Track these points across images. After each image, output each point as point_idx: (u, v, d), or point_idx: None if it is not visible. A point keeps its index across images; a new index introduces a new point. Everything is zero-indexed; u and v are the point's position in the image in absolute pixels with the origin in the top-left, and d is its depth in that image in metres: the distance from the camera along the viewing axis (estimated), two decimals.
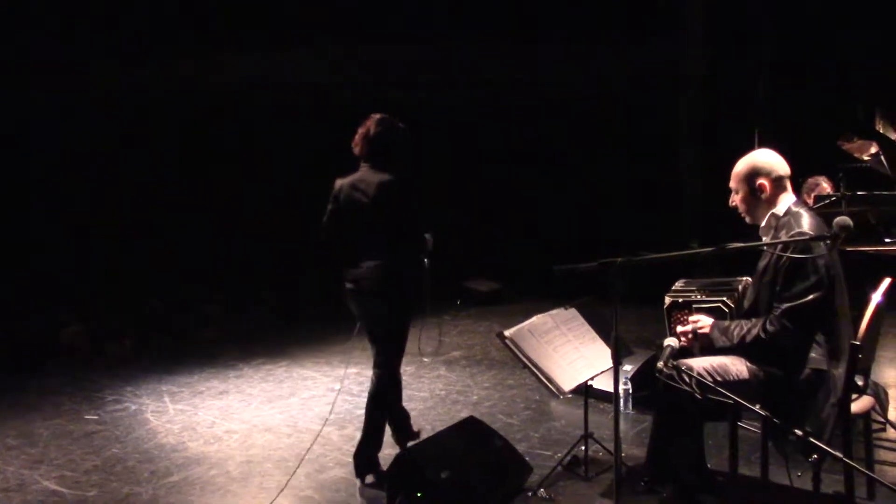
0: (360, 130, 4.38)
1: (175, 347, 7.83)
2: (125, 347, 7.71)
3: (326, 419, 5.12)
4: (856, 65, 10.44)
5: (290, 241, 11.42)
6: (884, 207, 5.94)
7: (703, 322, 3.63)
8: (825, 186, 6.48)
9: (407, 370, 6.66)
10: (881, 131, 10.04)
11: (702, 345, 3.63)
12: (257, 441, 5.04)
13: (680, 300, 3.81)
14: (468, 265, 10.41)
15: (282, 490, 4.18)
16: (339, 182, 4.41)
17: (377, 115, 4.39)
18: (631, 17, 10.74)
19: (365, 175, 4.32)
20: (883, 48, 10.39)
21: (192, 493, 4.26)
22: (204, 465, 4.64)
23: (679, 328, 3.71)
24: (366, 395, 5.89)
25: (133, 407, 5.82)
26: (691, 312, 3.74)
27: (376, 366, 4.50)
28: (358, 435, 4.83)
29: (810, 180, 6.53)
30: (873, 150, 6.04)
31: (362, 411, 5.51)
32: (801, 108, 10.08)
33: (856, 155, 6.28)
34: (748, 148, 9.50)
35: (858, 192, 6.20)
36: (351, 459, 4.49)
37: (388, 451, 4.63)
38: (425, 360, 6.90)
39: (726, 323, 3.59)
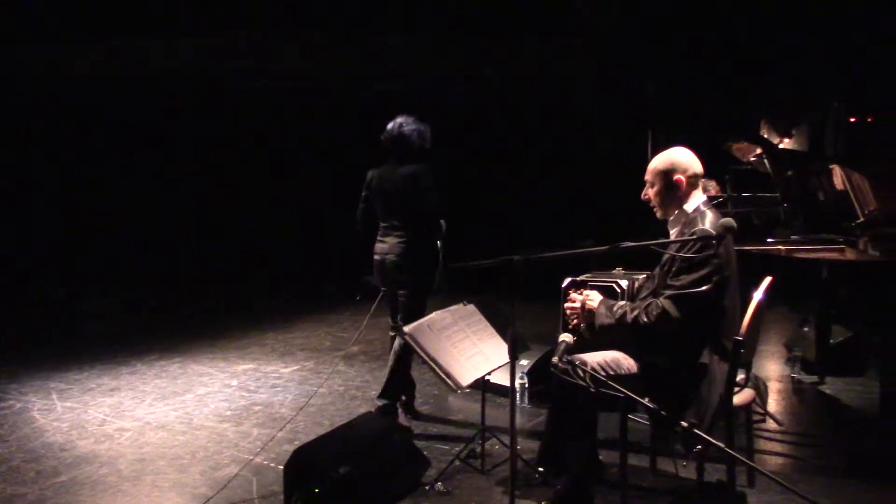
0: (388, 128, 5.15)
1: (65, 343, 7.56)
2: None
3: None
4: (743, 70, 10.87)
5: (183, 235, 11.22)
6: (766, 209, 6.24)
7: (593, 297, 3.71)
8: (712, 190, 6.76)
9: (306, 365, 6.64)
10: (765, 136, 10.49)
11: (588, 321, 3.70)
12: (150, 439, 4.93)
13: (577, 279, 3.91)
14: (367, 261, 10.38)
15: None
16: (370, 173, 5.21)
17: (402, 116, 5.17)
18: (529, 16, 10.90)
19: (392, 167, 5.10)
20: (769, 55, 10.85)
21: (81, 493, 4.13)
22: (94, 464, 4.51)
23: (569, 303, 3.79)
24: (262, 390, 5.90)
25: (18, 405, 5.60)
26: (586, 290, 3.82)
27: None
28: (255, 431, 4.88)
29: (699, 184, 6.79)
30: (757, 152, 6.32)
31: (260, 407, 5.51)
32: (691, 111, 10.43)
33: (741, 157, 6.56)
34: (642, 148, 9.74)
35: (743, 194, 6.50)
36: (247, 456, 4.54)
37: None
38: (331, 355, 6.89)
39: (612, 301, 3.68)
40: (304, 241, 11.07)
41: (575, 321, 3.73)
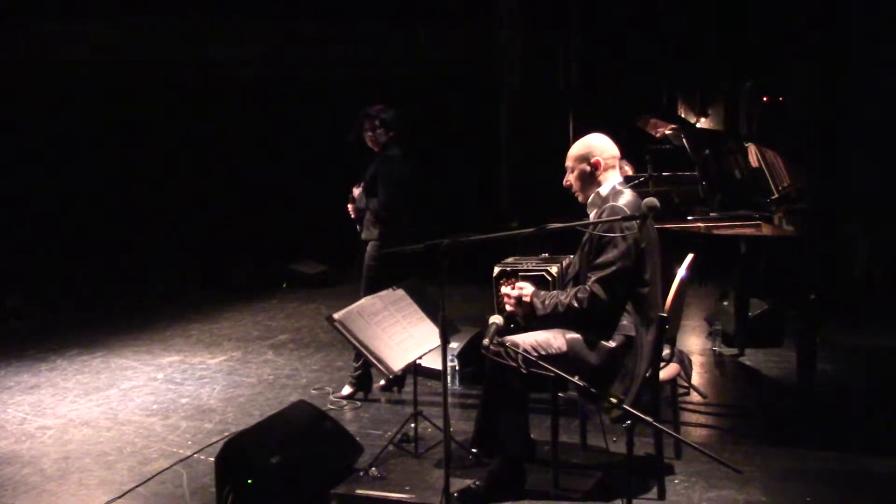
0: (391, 116, 5.20)
1: None
2: None
3: None
4: (661, 53, 11.07)
5: (100, 226, 10.90)
6: (685, 187, 6.39)
7: (527, 290, 3.79)
8: (627, 169, 6.89)
9: (234, 356, 6.55)
10: (682, 115, 10.72)
11: (524, 312, 3.79)
12: (74, 436, 4.80)
13: (508, 269, 4.00)
14: (294, 247, 10.30)
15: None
16: (398, 162, 5.21)
17: (381, 105, 5.24)
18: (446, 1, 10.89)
19: (404, 156, 5.26)
20: (685, 38, 11.08)
21: (2, 495, 4.01)
22: (15, 465, 4.37)
23: (504, 292, 3.88)
24: (189, 382, 5.80)
25: None
26: (518, 280, 3.92)
27: None
28: (184, 424, 4.88)
29: None
30: (671, 126, 6.43)
31: (187, 400, 5.42)
32: (611, 94, 10.59)
33: (654, 133, 6.66)
34: (563, 129, 9.78)
35: (663, 173, 6.64)
36: (175, 450, 4.49)
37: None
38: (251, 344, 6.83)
39: (545, 292, 3.78)
40: (227, 230, 10.90)
41: (510, 311, 3.81)
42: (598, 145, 3.85)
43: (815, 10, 9.30)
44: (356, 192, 5.34)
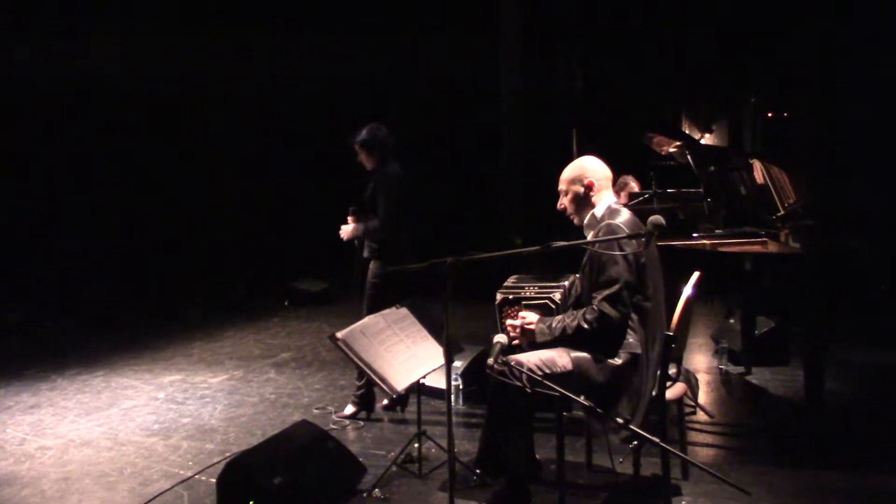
0: (382, 133, 5.17)
1: None
2: None
3: None
4: (665, 69, 11.06)
5: (100, 243, 10.87)
6: (691, 204, 6.36)
7: (531, 319, 3.79)
8: (633, 185, 6.86)
9: (235, 375, 6.50)
10: (687, 131, 10.70)
11: (529, 340, 3.79)
12: (74, 456, 4.76)
13: (510, 297, 3.98)
14: (295, 265, 10.27)
15: None
16: (395, 177, 5.15)
17: (369, 126, 5.19)
18: (449, 14, 10.90)
19: (401, 169, 5.21)
20: (690, 53, 11.07)
21: None
22: (15, 486, 4.33)
23: (508, 323, 3.87)
24: (190, 402, 5.76)
25: None
26: (521, 308, 3.90)
27: None
28: (185, 444, 4.83)
29: (620, 180, 6.89)
30: (676, 143, 6.40)
31: (188, 419, 5.37)
32: (615, 109, 10.57)
33: (659, 150, 6.65)
34: (567, 146, 9.75)
35: (668, 190, 6.61)
36: (176, 470, 4.44)
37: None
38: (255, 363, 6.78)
39: (549, 319, 3.76)
40: (228, 247, 10.87)
41: (516, 343, 3.80)
42: (590, 167, 3.88)
43: (815, 14, 9.29)
44: (351, 221, 5.27)
